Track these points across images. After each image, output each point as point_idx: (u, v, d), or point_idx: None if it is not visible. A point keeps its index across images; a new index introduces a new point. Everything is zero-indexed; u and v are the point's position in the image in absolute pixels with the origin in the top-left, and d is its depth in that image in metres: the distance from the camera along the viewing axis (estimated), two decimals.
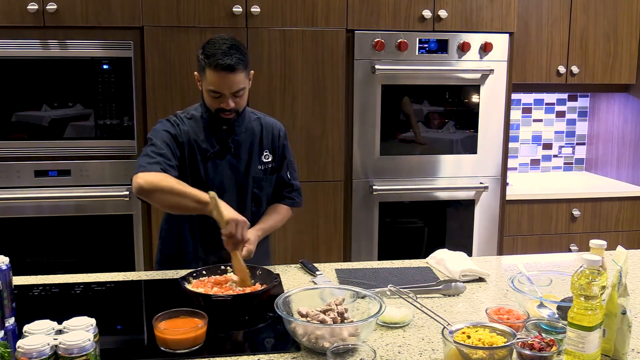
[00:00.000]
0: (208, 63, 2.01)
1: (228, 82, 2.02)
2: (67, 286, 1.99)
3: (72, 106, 3.08)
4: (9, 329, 1.46)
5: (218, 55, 1.99)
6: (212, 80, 2.02)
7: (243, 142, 2.19)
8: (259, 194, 2.23)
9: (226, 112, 2.08)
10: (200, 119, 2.16)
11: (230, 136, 2.16)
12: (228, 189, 2.17)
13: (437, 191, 3.45)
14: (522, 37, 3.66)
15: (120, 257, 3.18)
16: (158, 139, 2.07)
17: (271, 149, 2.25)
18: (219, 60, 1.98)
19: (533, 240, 3.66)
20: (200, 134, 2.14)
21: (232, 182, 2.18)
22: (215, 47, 2.02)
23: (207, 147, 2.14)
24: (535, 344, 1.42)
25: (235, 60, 1.99)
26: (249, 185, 2.20)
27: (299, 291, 1.70)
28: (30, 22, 2.99)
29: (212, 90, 2.04)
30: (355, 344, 1.46)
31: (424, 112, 3.41)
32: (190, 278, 1.90)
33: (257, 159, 2.22)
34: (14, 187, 3.07)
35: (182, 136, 2.10)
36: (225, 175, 2.16)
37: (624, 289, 1.46)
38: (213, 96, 2.06)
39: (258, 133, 2.23)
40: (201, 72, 2.07)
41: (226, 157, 2.16)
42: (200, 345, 1.53)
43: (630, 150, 3.94)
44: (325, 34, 3.22)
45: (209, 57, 2.01)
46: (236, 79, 2.02)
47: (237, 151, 2.18)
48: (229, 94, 2.04)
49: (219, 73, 1.99)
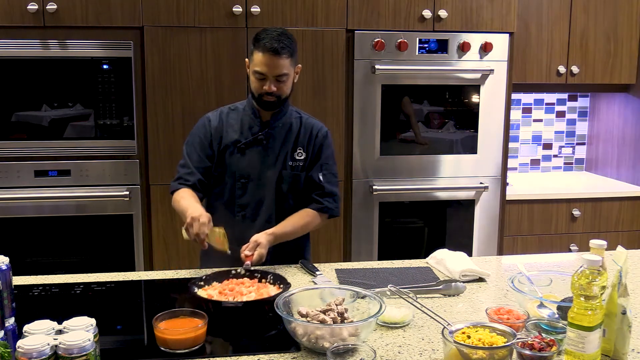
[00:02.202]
0: (257, 45, 2.14)
1: (272, 64, 2.11)
2: (67, 286, 1.99)
3: (72, 106, 3.08)
4: (9, 329, 1.46)
5: (267, 39, 2.11)
6: (257, 62, 2.13)
7: (277, 136, 2.26)
8: (285, 188, 2.26)
9: (269, 96, 2.16)
10: (242, 110, 2.29)
11: (265, 129, 2.24)
12: (255, 179, 2.24)
13: (437, 191, 3.45)
14: (522, 37, 3.66)
15: (120, 257, 3.18)
16: (186, 145, 2.29)
17: (306, 147, 2.28)
18: (266, 43, 2.11)
19: (533, 240, 3.66)
20: (237, 124, 2.26)
21: (258, 173, 2.24)
22: (267, 32, 2.15)
23: (241, 138, 2.25)
24: (535, 344, 1.42)
25: (282, 45, 2.11)
26: (276, 179, 2.25)
27: (299, 291, 1.69)
28: (30, 22, 2.99)
29: (257, 71, 2.14)
30: (355, 344, 1.46)
31: (424, 112, 3.41)
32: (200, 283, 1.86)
33: (290, 154, 2.27)
34: (14, 187, 3.07)
35: (211, 133, 2.25)
36: (252, 166, 2.24)
37: (624, 289, 1.46)
38: (258, 77, 2.15)
39: (296, 130, 2.29)
40: (250, 56, 2.19)
41: (257, 149, 2.24)
42: (200, 345, 1.53)
43: (630, 150, 3.94)
44: (325, 34, 3.22)
45: (259, 40, 2.14)
46: (280, 62, 2.12)
47: (270, 144, 2.25)
48: (271, 76, 2.13)
49: (264, 55, 2.11)
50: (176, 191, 2.22)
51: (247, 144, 2.24)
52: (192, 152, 2.25)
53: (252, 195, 2.25)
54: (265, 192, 2.25)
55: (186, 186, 2.21)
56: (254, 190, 2.24)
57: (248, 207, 2.25)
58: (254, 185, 2.24)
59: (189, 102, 3.14)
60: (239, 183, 2.24)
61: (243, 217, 2.25)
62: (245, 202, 2.25)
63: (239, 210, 2.25)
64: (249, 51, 2.20)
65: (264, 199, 2.25)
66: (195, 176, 2.22)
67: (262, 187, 2.25)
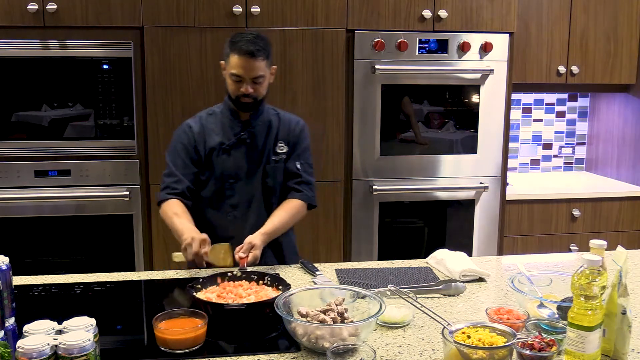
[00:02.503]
0: (232, 48, 2.17)
1: (248, 67, 2.16)
2: (67, 286, 1.99)
3: (72, 106, 3.08)
4: (9, 329, 1.46)
5: (242, 42, 2.16)
6: (234, 64, 2.17)
7: (258, 134, 2.30)
8: (272, 183, 2.31)
9: (245, 97, 2.20)
10: (220, 114, 2.32)
11: (247, 128, 2.28)
12: (242, 178, 2.27)
13: (437, 191, 3.45)
14: (522, 37, 3.66)
15: (120, 257, 3.18)
16: (169, 154, 2.30)
17: (287, 140, 2.33)
18: (242, 46, 2.15)
19: (533, 240, 3.66)
20: (217, 128, 2.29)
21: (246, 172, 2.28)
22: (242, 36, 2.19)
23: (224, 140, 2.27)
24: (535, 344, 1.42)
25: (258, 47, 2.16)
26: (263, 176, 2.29)
27: (299, 291, 1.69)
28: (30, 22, 2.98)
29: (234, 74, 2.18)
30: (355, 344, 1.46)
31: (424, 112, 3.41)
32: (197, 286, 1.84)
33: (272, 149, 2.31)
34: (14, 187, 3.07)
35: (194, 139, 2.27)
36: (239, 165, 2.27)
37: (624, 289, 1.46)
38: (234, 80, 2.19)
39: (275, 126, 2.33)
40: (226, 59, 2.22)
41: (242, 149, 2.27)
42: (200, 345, 1.53)
43: (630, 150, 3.94)
44: (325, 34, 3.22)
45: (234, 43, 2.18)
46: (256, 64, 2.16)
47: (253, 143, 2.29)
48: (248, 78, 2.17)
49: (240, 57, 2.15)
50: (165, 202, 2.22)
51: (231, 145, 2.27)
52: (177, 159, 2.26)
53: (242, 194, 2.27)
54: (254, 189, 2.29)
55: (175, 195, 2.22)
56: (243, 190, 2.27)
57: (239, 206, 2.28)
58: (242, 184, 2.27)
59: (189, 102, 3.14)
60: (227, 184, 2.26)
61: (235, 218, 2.27)
62: (236, 202, 2.27)
63: (229, 211, 2.27)
64: (225, 54, 2.23)
65: (253, 197, 2.28)
66: (183, 183, 2.23)
67: (251, 185, 2.28)
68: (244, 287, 1.86)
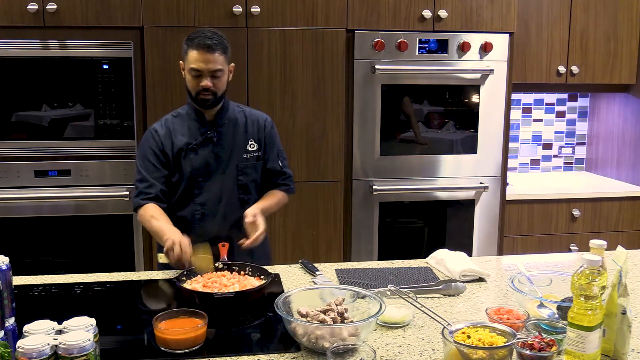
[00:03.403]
0: (190, 45, 2.20)
1: (206, 60, 2.18)
2: (67, 286, 2.00)
3: (72, 106, 3.08)
4: (9, 329, 1.46)
5: (200, 37, 2.19)
6: (193, 59, 2.19)
7: (225, 132, 2.32)
8: (245, 180, 2.34)
9: (205, 92, 2.22)
10: (185, 115, 2.34)
11: (213, 127, 2.30)
12: (212, 177, 2.30)
13: (437, 191, 3.45)
14: (522, 37, 3.66)
15: (120, 257, 3.18)
16: (138, 159, 2.30)
17: (257, 138, 2.37)
18: (200, 40, 2.18)
19: (533, 240, 3.66)
20: (183, 129, 2.31)
21: (216, 170, 2.30)
22: (198, 32, 2.23)
23: (190, 140, 2.29)
24: (535, 344, 1.42)
25: (215, 42, 2.19)
26: (234, 173, 2.32)
27: (299, 291, 1.70)
28: (30, 22, 2.98)
29: (193, 68, 2.20)
30: (355, 344, 1.46)
31: (424, 112, 3.41)
32: (182, 278, 1.90)
33: (242, 147, 2.34)
34: (14, 187, 3.07)
35: (161, 142, 2.28)
36: (209, 164, 2.29)
37: (624, 289, 1.46)
38: (193, 75, 2.21)
39: (242, 124, 2.36)
40: (184, 56, 2.24)
41: (209, 147, 2.29)
42: (200, 345, 1.53)
43: (630, 150, 3.94)
44: (325, 34, 3.22)
45: (192, 39, 2.21)
46: (214, 58, 2.19)
47: (220, 141, 2.31)
48: (207, 72, 2.19)
49: (198, 51, 2.18)
50: (140, 207, 2.23)
51: (198, 144, 2.28)
52: (147, 163, 2.27)
53: (210, 192, 2.29)
54: (224, 187, 2.30)
55: (149, 200, 2.23)
56: (211, 188, 2.29)
57: (206, 204, 2.29)
58: (211, 183, 2.29)
59: None
60: (196, 183, 2.28)
61: (202, 215, 2.28)
62: (203, 201, 2.29)
63: (198, 210, 2.29)
64: (183, 52, 2.24)
65: (222, 195, 2.29)
66: (156, 187, 2.24)
67: (220, 183, 2.30)
68: (227, 277, 1.94)
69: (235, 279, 1.93)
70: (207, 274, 1.96)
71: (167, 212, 2.25)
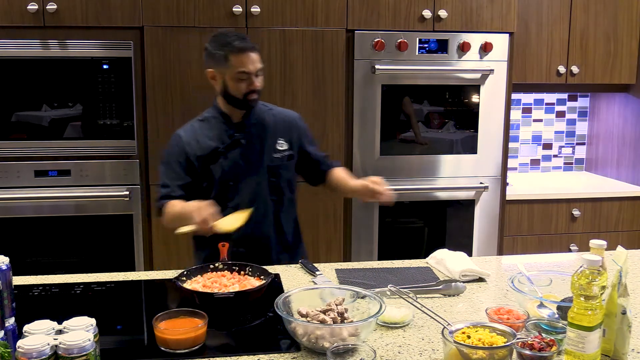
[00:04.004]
0: (230, 49, 2.16)
1: (253, 61, 2.18)
2: (67, 286, 1.99)
3: (72, 106, 3.08)
4: (9, 329, 1.46)
5: (235, 41, 2.16)
6: (239, 63, 2.16)
7: (254, 133, 2.29)
8: (277, 181, 2.31)
9: (253, 93, 2.21)
10: (212, 119, 2.30)
11: (241, 129, 2.27)
12: (243, 179, 2.26)
13: (437, 191, 3.45)
14: (522, 37, 3.66)
15: (120, 257, 3.18)
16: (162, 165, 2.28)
17: (287, 137, 2.34)
18: (237, 43, 2.16)
19: (533, 240, 3.66)
20: (210, 133, 2.27)
21: (246, 173, 2.27)
22: (226, 37, 2.19)
23: (219, 144, 2.25)
24: (535, 344, 1.42)
25: (250, 42, 2.20)
26: (265, 174, 2.29)
27: (299, 291, 1.69)
28: (30, 22, 2.98)
29: (241, 71, 2.17)
30: (355, 344, 1.46)
31: (424, 112, 3.41)
32: (182, 278, 1.90)
33: (272, 147, 2.30)
34: (14, 187, 3.07)
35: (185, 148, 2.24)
36: (239, 166, 2.26)
37: (624, 289, 1.46)
38: (241, 78, 2.18)
39: (271, 123, 2.33)
40: (222, 62, 2.19)
41: (238, 150, 2.26)
42: (200, 345, 1.53)
43: (630, 150, 3.94)
44: (325, 34, 3.22)
45: (228, 44, 2.17)
46: (256, 57, 2.20)
47: (250, 143, 2.28)
48: (254, 73, 2.19)
49: (244, 54, 2.16)
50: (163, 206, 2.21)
51: (227, 148, 2.26)
52: (169, 170, 2.25)
53: (243, 195, 2.26)
54: (256, 189, 2.27)
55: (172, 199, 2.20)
56: (243, 191, 2.26)
57: (239, 207, 2.25)
58: (242, 185, 2.26)
59: (189, 102, 3.14)
60: (227, 187, 2.25)
61: None
62: (236, 204, 2.25)
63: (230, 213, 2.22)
64: (216, 58, 2.19)
65: (255, 197, 2.27)
66: (178, 192, 2.22)
67: (252, 186, 2.27)
68: (227, 277, 1.93)
69: (235, 279, 1.92)
70: (207, 273, 1.95)
71: None
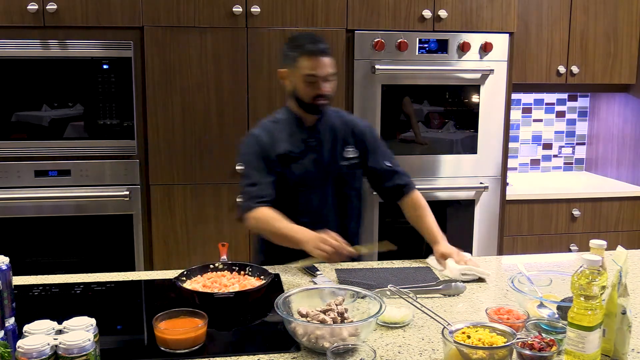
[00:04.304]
0: (301, 52, 2.15)
1: (322, 65, 2.15)
2: (67, 286, 1.99)
3: (72, 106, 3.08)
4: (9, 329, 1.46)
5: (309, 44, 2.15)
6: (308, 65, 2.15)
7: (325, 138, 2.27)
8: (344, 188, 2.30)
9: (321, 98, 2.18)
10: (285, 121, 2.27)
11: (313, 135, 2.25)
12: (313, 185, 2.25)
13: (437, 191, 3.45)
14: (522, 37, 3.66)
15: (120, 257, 3.18)
16: (248, 165, 2.23)
17: (354, 144, 2.31)
18: (310, 46, 2.15)
19: (533, 240, 3.66)
20: (284, 136, 2.24)
21: (317, 178, 2.25)
22: (302, 39, 2.19)
23: (292, 148, 2.23)
24: (535, 344, 1.42)
25: (325, 46, 2.17)
26: (333, 181, 2.27)
27: (299, 291, 1.69)
28: (30, 22, 2.98)
29: (309, 74, 2.15)
30: (355, 344, 1.46)
31: (424, 112, 3.41)
32: (182, 278, 1.90)
33: (340, 154, 2.29)
34: (14, 187, 3.07)
35: (266, 148, 2.22)
36: (309, 172, 2.24)
37: (624, 289, 1.46)
38: (309, 81, 2.16)
39: (340, 129, 2.31)
40: (292, 64, 2.18)
41: (310, 155, 2.24)
42: (200, 345, 1.53)
43: (630, 150, 3.94)
44: (325, 34, 3.20)
45: (300, 46, 2.17)
46: (328, 62, 2.17)
47: (320, 148, 2.26)
48: (323, 78, 2.16)
49: (315, 57, 2.14)
50: (254, 209, 2.14)
51: (301, 153, 2.23)
52: (256, 168, 2.20)
53: (311, 201, 2.24)
54: (326, 196, 2.26)
55: (264, 204, 2.15)
56: (314, 197, 2.25)
57: (308, 213, 2.24)
58: (312, 191, 2.25)
59: (189, 102, 3.14)
60: (297, 192, 2.23)
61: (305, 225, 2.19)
62: (305, 210, 2.24)
63: (301, 218, 2.20)
64: (289, 59, 2.19)
65: (325, 204, 2.26)
66: (269, 192, 2.17)
67: (321, 192, 2.25)
68: (227, 277, 1.93)
69: (235, 279, 1.92)
70: (207, 273, 1.95)
71: None
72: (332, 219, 2.27)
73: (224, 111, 3.17)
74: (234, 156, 3.19)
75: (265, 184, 2.18)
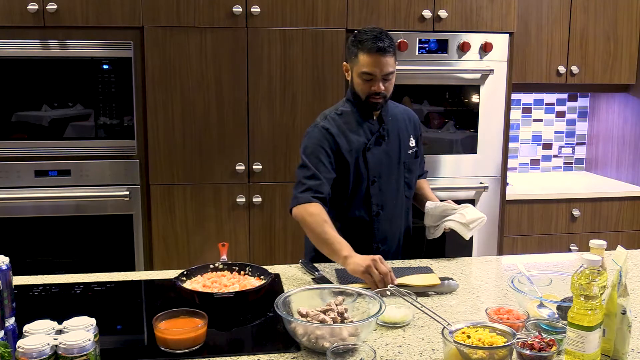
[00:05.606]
0: (361, 47, 2.13)
1: (380, 64, 2.12)
2: (67, 286, 1.99)
3: (72, 106, 3.08)
4: (9, 329, 1.46)
5: (370, 40, 2.12)
6: (365, 63, 2.13)
7: (391, 129, 2.29)
8: (410, 177, 2.35)
9: (376, 96, 2.17)
10: (350, 113, 2.26)
11: (381, 125, 2.26)
12: (385, 175, 2.27)
13: (437, 191, 3.43)
14: (522, 37, 3.66)
15: (120, 257, 3.18)
16: (309, 157, 2.18)
17: (414, 134, 2.38)
18: (371, 43, 2.11)
19: (533, 240, 3.66)
20: (353, 128, 2.23)
21: (388, 169, 2.27)
22: (367, 34, 2.15)
23: (363, 140, 2.23)
24: (535, 344, 1.42)
25: (387, 44, 2.12)
26: (402, 170, 2.31)
27: (299, 291, 1.70)
28: (30, 22, 2.98)
29: (365, 72, 2.14)
30: (355, 344, 1.46)
31: (424, 112, 3.41)
32: (182, 278, 1.90)
33: (406, 144, 2.32)
34: (14, 187, 3.07)
35: (336, 141, 2.19)
36: (382, 163, 2.26)
37: (624, 289, 1.46)
38: (365, 79, 2.15)
39: (402, 120, 2.35)
40: (352, 58, 2.18)
41: (381, 146, 2.26)
42: (200, 345, 1.54)
43: (630, 150, 3.94)
44: (325, 34, 3.21)
45: (361, 42, 2.14)
46: (387, 61, 2.13)
47: (389, 138, 2.28)
48: (380, 76, 2.14)
49: (372, 55, 2.11)
50: (308, 204, 2.09)
51: (372, 143, 2.24)
52: (319, 161, 2.15)
53: (384, 191, 2.26)
54: (397, 185, 2.30)
55: (319, 200, 2.11)
56: (385, 187, 2.27)
57: (382, 203, 2.26)
58: (385, 181, 2.27)
59: (189, 102, 3.14)
60: (372, 182, 2.24)
61: (378, 214, 2.25)
62: (380, 200, 2.26)
63: (374, 210, 2.24)
64: (350, 54, 2.19)
65: (395, 193, 2.29)
66: (327, 188, 2.14)
67: (393, 182, 2.28)
68: (227, 277, 1.93)
69: (235, 279, 1.92)
70: (207, 273, 1.95)
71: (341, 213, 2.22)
72: (402, 208, 2.33)
73: (224, 111, 3.17)
74: (234, 156, 3.20)
75: (325, 181, 2.14)
